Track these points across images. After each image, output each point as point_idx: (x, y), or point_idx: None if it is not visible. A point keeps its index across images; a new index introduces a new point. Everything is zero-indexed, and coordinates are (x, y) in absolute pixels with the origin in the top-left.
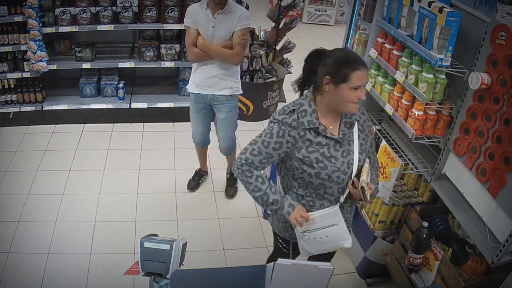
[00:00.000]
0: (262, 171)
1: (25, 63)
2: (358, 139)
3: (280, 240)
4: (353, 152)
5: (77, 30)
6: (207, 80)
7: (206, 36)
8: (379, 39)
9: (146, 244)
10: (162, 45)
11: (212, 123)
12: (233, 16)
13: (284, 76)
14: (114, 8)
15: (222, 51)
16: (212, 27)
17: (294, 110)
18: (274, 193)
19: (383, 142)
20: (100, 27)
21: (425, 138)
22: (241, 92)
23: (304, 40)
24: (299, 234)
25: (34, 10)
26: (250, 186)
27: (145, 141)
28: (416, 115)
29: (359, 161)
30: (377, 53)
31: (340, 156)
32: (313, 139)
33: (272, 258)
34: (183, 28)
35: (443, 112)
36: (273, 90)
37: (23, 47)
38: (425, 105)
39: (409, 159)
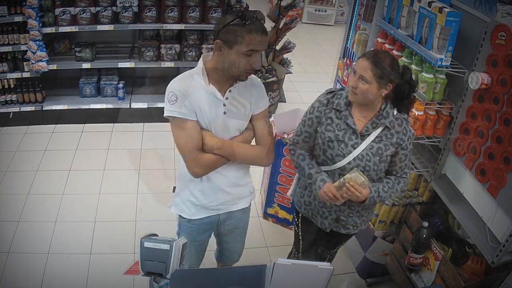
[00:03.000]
0: (305, 149)
1: (25, 63)
2: (380, 142)
3: (295, 217)
4: (365, 149)
5: (77, 30)
6: (221, 195)
7: (213, 128)
8: (379, 39)
9: (146, 244)
10: (162, 45)
11: None
12: (250, 90)
13: (284, 76)
14: (114, 8)
15: (253, 153)
16: (224, 112)
17: (333, 91)
18: (310, 168)
19: None
20: (100, 27)
21: (425, 138)
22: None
23: (304, 40)
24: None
25: (34, 10)
26: (293, 163)
27: (145, 141)
28: (416, 115)
29: (367, 160)
30: None
31: (350, 146)
32: (334, 119)
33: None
34: (183, 28)
35: (443, 112)
36: (273, 90)
37: (23, 47)
38: (425, 105)
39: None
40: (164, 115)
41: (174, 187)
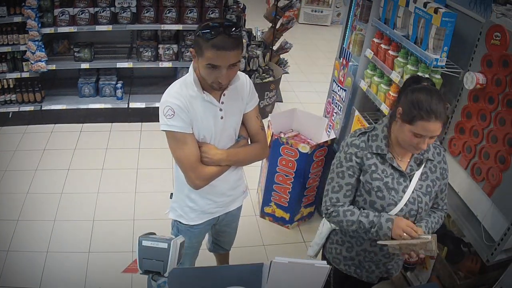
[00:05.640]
0: (347, 204)
1: (24, 63)
2: (426, 180)
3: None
4: (415, 190)
5: (75, 30)
6: (221, 198)
7: (210, 135)
8: (375, 40)
9: (144, 243)
10: (160, 45)
11: None
12: (241, 90)
13: (281, 76)
14: (112, 8)
15: (254, 152)
16: (222, 118)
17: (365, 132)
18: (366, 216)
19: None
20: (99, 28)
21: None
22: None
23: (301, 41)
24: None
25: (33, 11)
26: (343, 224)
27: (143, 141)
28: None
29: (419, 202)
30: (373, 53)
31: (401, 191)
32: (379, 165)
33: None
34: (181, 28)
35: None
36: (270, 90)
37: (22, 47)
38: None
39: None
40: (161, 129)
41: (171, 194)
